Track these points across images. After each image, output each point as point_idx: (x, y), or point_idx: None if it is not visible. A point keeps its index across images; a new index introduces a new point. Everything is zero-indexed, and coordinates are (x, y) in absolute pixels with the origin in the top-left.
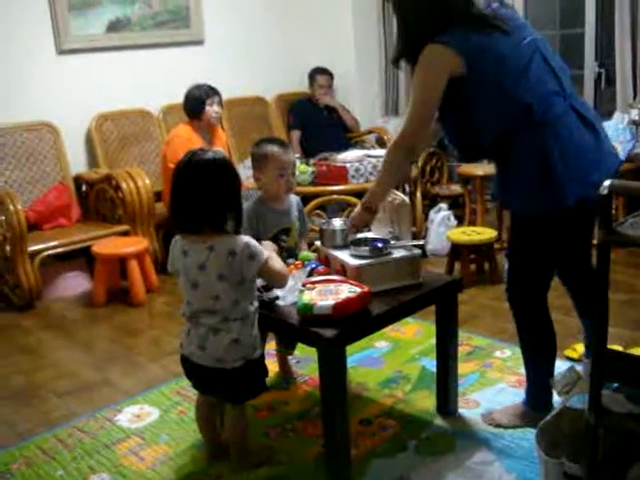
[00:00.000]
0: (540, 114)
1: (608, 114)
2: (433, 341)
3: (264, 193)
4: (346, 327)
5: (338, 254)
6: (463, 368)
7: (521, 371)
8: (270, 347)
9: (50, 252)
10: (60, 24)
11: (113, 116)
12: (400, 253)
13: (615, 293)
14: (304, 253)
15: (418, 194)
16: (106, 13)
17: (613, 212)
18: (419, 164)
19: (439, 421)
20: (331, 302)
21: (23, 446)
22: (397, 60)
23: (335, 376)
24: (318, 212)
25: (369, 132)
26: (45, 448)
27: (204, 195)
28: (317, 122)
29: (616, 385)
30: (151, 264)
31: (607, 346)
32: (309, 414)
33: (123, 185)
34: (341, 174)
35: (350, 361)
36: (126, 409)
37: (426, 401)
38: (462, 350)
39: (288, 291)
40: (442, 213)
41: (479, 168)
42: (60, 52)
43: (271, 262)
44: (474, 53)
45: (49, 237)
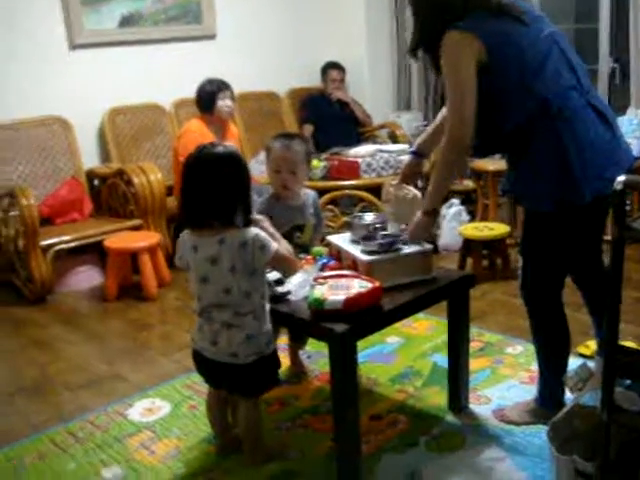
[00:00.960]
0: (556, 108)
1: (622, 109)
2: (444, 337)
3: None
4: (357, 322)
5: (350, 249)
6: (474, 364)
7: (532, 367)
8: (281, 341)
9: (62, 246)
10: (73, 19)
11: (125, 111)
12: (412, 248)
13: (627, 289)
14: (316, 248)
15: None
16: (119, 8)
17: (627, 208)
18: (431, 159)
19: (450, 417)
20: (342, 297)
21: (36, 439)
22: (414, 49)
23: (346, 371)
24: (330, 207)
25: (381, 127)
26: (57, 441)
27: (214, 189)
28: (329, 116)
29: (629, 382)
30: (163, 258)
31: (619, 343)
32: (320, 409)
33: (135, 179)
34: (353, 169)
35: (361, 356)
36: (137, 403)
37: (437, 397)
38: (473, 346)
39: (299, 286)
40: (454, 208)
41: (491, 163)
42: (73, 47)
43: (281, 251)
44: (495, 42)
45: (61, 231)
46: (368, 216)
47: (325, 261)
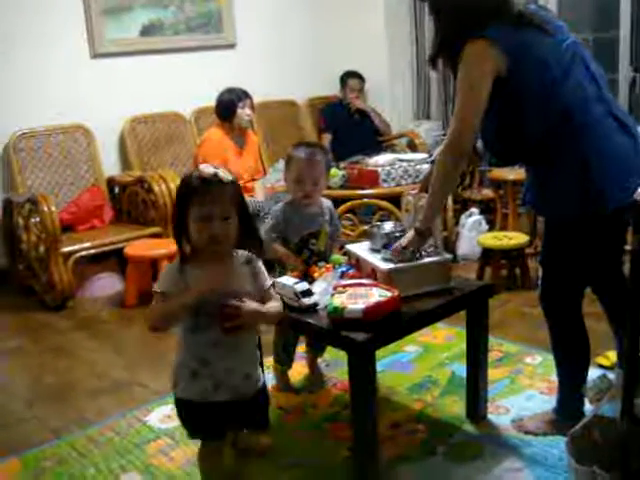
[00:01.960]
0: (579, 119)
1: None
2: (463, 346)
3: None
4: (376, 331)
5: (369, 257)
6: (493, 374)
7: (552, 378)
8: (300, 349)
9: (83, 253)
10: (95, 28)
11: (146, 119)
12: (431, 257)
13: None
14: (335, 256)
15: (449, 198)
16: (140, 17)
17: None
18: None
19: (468, 426)
20: (361, 306)
21: (56, 444)
22: (434, 58)
23: (365, 380)
24: (348, 215)
25: (400, 136)
26: (77, 446)
27: None
28: (348, 126)
29: None
30: None
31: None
32: (338, 417)
33: (155, 187)
34: (373, 178)
35: (379, 365)
36: (157, 409)
37: (455, 406)
38: (492, 356)
39: (319, 294)
40: (473, 218)
41: (511, 172)
42: (94, 56)
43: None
44: (518, 52)
45: (82, 238)
46: (387, 225)
47: (344, 269)
